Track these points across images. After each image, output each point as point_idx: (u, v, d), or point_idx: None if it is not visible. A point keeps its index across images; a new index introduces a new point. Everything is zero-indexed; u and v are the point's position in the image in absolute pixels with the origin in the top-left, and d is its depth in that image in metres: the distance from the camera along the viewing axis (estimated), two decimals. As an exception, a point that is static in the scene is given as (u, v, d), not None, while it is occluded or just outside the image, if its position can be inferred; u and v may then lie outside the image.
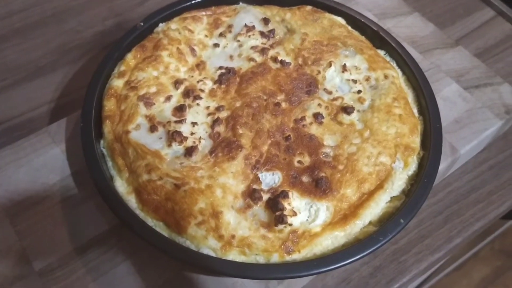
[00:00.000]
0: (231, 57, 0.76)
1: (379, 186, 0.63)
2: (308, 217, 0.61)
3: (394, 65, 0.78)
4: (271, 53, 0.76)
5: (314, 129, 0.68)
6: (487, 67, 0.85)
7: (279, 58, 0.75)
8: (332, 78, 0.74)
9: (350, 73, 0.74)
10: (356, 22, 0.82)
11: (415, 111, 0.72)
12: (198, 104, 0.69)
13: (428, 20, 0.93)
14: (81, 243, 0.63)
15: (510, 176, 0.78)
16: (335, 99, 0.71)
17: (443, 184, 0.76)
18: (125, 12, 0.97)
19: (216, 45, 0.77)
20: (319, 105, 0.70)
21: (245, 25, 0.79)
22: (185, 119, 0.67)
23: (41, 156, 0.69)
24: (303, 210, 0.61)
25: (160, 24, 0.79)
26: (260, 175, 0.63)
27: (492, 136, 0.78)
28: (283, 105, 0.70)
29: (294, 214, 0.60)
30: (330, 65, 0.74)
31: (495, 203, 0.75)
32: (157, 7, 0.90)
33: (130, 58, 0.73)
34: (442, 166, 0.70)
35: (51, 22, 0.94)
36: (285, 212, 0.59)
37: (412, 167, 0.66)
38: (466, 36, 0.95)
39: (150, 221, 0.60)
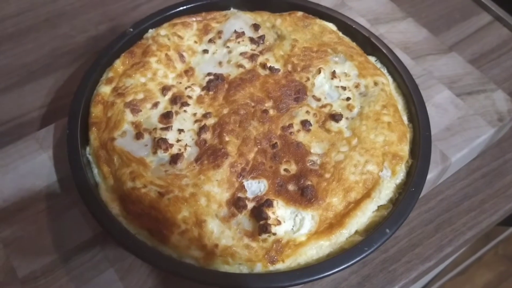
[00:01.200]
0: (220, 63, 0.76)
1: (366, 195, 0.63)
2: (293, 226, 0.60)
3: (385, 71, 0.77)
4: (260, 59, 0.76)
5: (302, 137, 0.67)
6: (481, 73, 0.84)
7: (268, 65, 0.75)
8: (321, 85, 0.73)
9: (340, 80, 0.73)
10: (347, 28, 0.81)
11: (405, 118, 0.71)
12: (185, 111, 0.69)
13: (422, 25, 0.92)
14: (65, 250, 0.63)
15: (503, 184, 0.77)
16: (323, 106, 0.71)
17: (435, 192, 0.75)
18: (119, 17, 0.97)
19: (205, 51, 0.77)
20: (307, 112, 0.70)
21: (235, 31, 0.78)
22: (172, 126, 0.67)
23: (28, 162, 0.69)
24: (288, 219, 0.60)
25: (150, 30, 0.79)
26: (245, 183, 0.63)
27: (484, 143, 0.77)
28: (271, 112, 0.70)
29: (279, 223, 0.59)
30: (319, 71, 0.73)
31: (487, 211, 0.74)
32: (151, 12, 0.90)
33: (119, 65, 0.73)
34: (432, 174, 0.69)
35: (44, 27, 0.94)
36: (269, 221, 0.59)
37: (400, 175, 0.65)
38: (462, 41, 0.94)
39: (134, 229, 0.60)
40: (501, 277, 1.84)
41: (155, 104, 0.69)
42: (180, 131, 0.67)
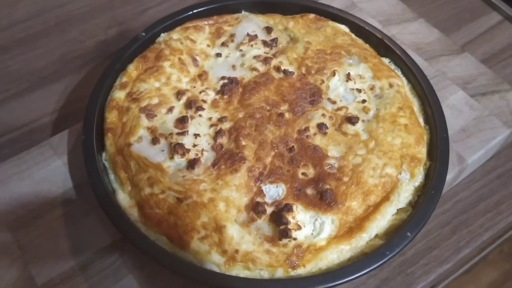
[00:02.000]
0: (233, 67, 0.75)
1: (385, 198, 0.62)
2: (313, 230, 0.60)
3: (399, 73, 0.76)
4: (274, 62, 0.75)
5: (318, 140, 0.67)
6: (494, 73, 0.84)
7: (282, 68, 0.75)
8: (336, 87, 0.73)
9: (354, 82, 0.73)
10: (360, 30, 0.81)
11: (421, 120, 0.71)
12: (200, 115, 0.69)
13: (433, 25, 0.91)
14: (83, 257, 0.62)
15: (519, 184, 0.76)
16: (339, 109, 0.70)
17: (451, 193, 0.75)
18: (128, 21, 0.96)
19: (218, 54, 0.77)
20: (323, 115, 0.69)
21: (248, 34, 0.78)
22: (187, 130, 0.66)
23: (43, 168, 0.69)
24: (307, 224, 0.60)
25: (162, 34, 0.78)
26: (263, 187, 0.62)
27: (500, 144, 0.77)
28: (287, 115, 0.69)
29: (299, 227, 0.59)
30: (334, 74, 0.73)
31: (504, 212, 0.73)
32: (160, 15, 0.89)
33: (132, 69, 0.73)
34: (449, 176, 0.69)
35: (54, 31, 0.93)
36: (290, 226, 0.58)
37: (419, 178, 0.65)
38: (472, 41, 0.94)
39: (153, 235, 0.59)
40: (506, 275, 1.83)
41: (170, 109, 0.69)
42: (196, 135, 0.66)
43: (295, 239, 0.58)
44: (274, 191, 0.62)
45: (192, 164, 0.63)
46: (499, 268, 1.81)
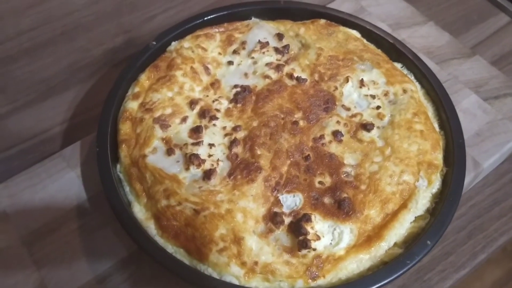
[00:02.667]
0: (246, 74, 0.75)
1: (403, 206, 0.62)
2: (331, 240, 0.60)
3: (412, 78, 0.76)
4: (286, 69, 0.75)
5: (334, 148, 0.67)
6: (506, 76, 0.83)
7: (295, 75, 0.74)
8: (349, 93, 0.72)
9: (368, 88, 0.72)
10: (371, 34, 0.80)
11: (436, 125, 0.71)
12: (214, 125, 0.68)
13: (442, 28, 0.91)
14: (100, 270, 0.62)
15: (533, 187, 0.76)
16: (353, 115, 0.70)
17: (465, 198, 0.74)
18: (135, 29, 0.95)
19: (230, 62, 0.76)
20: (338, 122, 0.69)
21: (259, 41, 0.77)
22: (202, 140, 0.66)
23: (56, 181, 0.68)
24: (326, 234, 0.60)
25: (173, 43, 0.78)
26: (280, 197, 0.62)
27: (513, 147, 0.76)
28: (301, 123, 0.69)
29: (318, 238, 0.58)
30: (347, 80, 0.72)
31: (518, 216, 0.73)
32: (166, 22, 0.89)
33: (144, 79, 0.72)
34: (465, 182, 0.68)
35: (61, 40, 0.93)
36: (309, 237, 0.58)
37: (436, 184, 0.65)
38: (481, 43, 0.93)
39: (170, 248, 0.59)
40: (510, 273, 1.82)
41: (184, 119, 0.68)
42: (211, 145, 0.66)
43: (314, 249, 0.58)
44: (291, 201, 0.62)
45: (208, 174, 0.63)
46: (502, 267, 1.80)
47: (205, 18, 0.80)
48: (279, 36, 0.79)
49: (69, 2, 0.98)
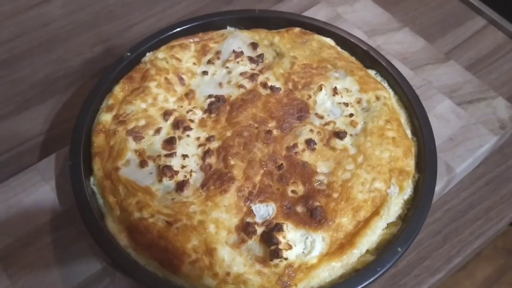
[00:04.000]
0: (220, 84, 0.75)
1: (375, 213, 0.63)
2: (304, 249, 0.60)
3: (386, 84, 0.77)
4: (261, 78, 0.75)
5: (307, 156, 0.67)
6: (480, 80, 0.84)
7: (269, 84, 0.74)
8: (323, 102, 0.73)
9: (341, 96, 0.73)
10: (345, 42, 0.81)
11: (409, 132, 0.71)
12: (188, 136, 0.68)
13: (417, 33, 0.92)
14: (74, 284, 0.62)
15: (508, 190, 0.77)
16: (327, 123, 0.70)
17: (440, 202, 0.75)
18: (113, 38, 0.95)
19: (204, 72, 0.76)
20: (311, 130, 0.69)
21: (233, 51, 0.78)
22: (175, 152, 0.66)
23: (31, 195, 0.68)
24: (298, 242, 0.60)
25: (148, 54, 0.78)
26: (253, 207, 0.62)
27: (487, 151, 0.77)
28: (275, 132, 0.69)
29: (290, 247, 0.59)
30: (320, 88, 0.73)
31: (493, 219, 0.74)
32: (145, 31, 0.89)
33: (118, 91, 0.72)
34: (438, 187, 0.69)
35: (38, 51, 0.93)
36: (280, 246, 0.58)
37: (408, 191, 0.65)
38: (457, 47, 0.94)
39: (143, 260, 0.59)
40: (501, 270, 1.84)
41: (158, 130, 0.68)
42: (184, 156, 0.66)
43: (286, 259, 0.58)
44: (264, 211, 0.62)
45: (181, 186, 0.63)
46: (493, 264, 1.82)
47: (180, 28, 0.80)
48: (254, 45, 0.79)
49: (47, 12, 0.98)
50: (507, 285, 1.75)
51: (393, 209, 0.64)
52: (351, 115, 0.71)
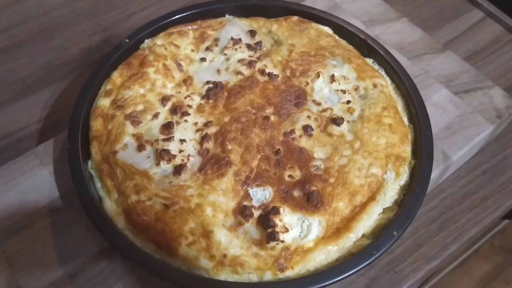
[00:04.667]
0: (218, 71, 0.75)
1: (371, 198, 0.63)
2: (300, 232, 0.60)
3: (383, 73, 0.77)
4: (259, 65, 0.76)
5: (304, 142, 0.67)
6: (477, 70, 0.85)
7: (267, 71, 0.75)
8: (320, 89, 0.73)
9: (339, 83, 0.73)
10: (343, 31, 0.81)
11: (405, 119, 0.72)
12: (186, 121, 0.69)
13: (416, 24, 0.92)
14: (72, 266, 0.62)
15: (504, 180, 0.77)
16: (324, 110, 0.71)
17: (437, 190, 0.75)
18: (112, 27, 0.96)
19: (203, 59, 0.77)
20: (308, 117, 0.70)
21: (232, 38, 0.78)
22: (173, 136, 0.66)
23: (29, 178, 0.69)
24: (295, 226, 0.60)
25: (146, 40, 0.78)
26: (250, 191, 0.63)
27: (484, 140, 0.77)
28: (272, 118, 0.70)
29: (286, 230, 0.59)
30: (318, 76, 0.73)
31: (489, 208, 0.74)
32: (144, 21, 0.89)
33: (116, 76, 0.73)
34: (434, 174, 0.70)
35: (37, 39, 0.93)
36: (277, 229, 0.59)
37: (404, 177, 0.66)
38: (455, 39, 0.95)
39: (140, 243, 0.59)
40: (498, 268, 1.84)
41: (155, 115, 0.69)
42: (182, 141, 0.66)
43: (282, 241, 0.58)
44: (261, 194, 0.63)
45: (178, 170, 0.63)
46: (491, 262, 1.82)
47: (179, 16, 0.80)
48: (252, 33, 0.79)
49: (46, 1, 0.99)
50: (504, 283, 1.76)
51: (389, 195, 0.64)
52: (348, 102, 0.71)
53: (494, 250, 1.87)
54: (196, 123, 0.69)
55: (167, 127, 0.67)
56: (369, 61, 0.78)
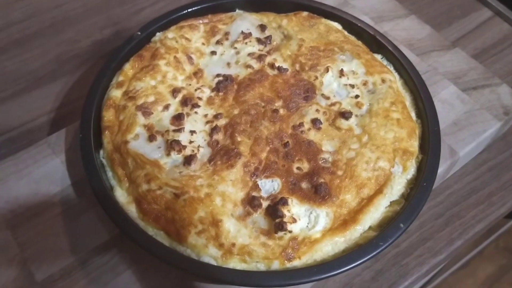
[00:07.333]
0: (228, 64, 0.76)
1: (378, 191, 0.64)
2: (308, 223, 0.61)
3: (392, 68, 0.78)
4: (268, 59, 0.76)
5: (313, 135, 0.68)
6: (485, 68, 0.85)
7: (276, 65, 0.76)
8: (329, 83, 0.74)
9: (348, 78, 0.74)
10: (352, 26, 0.82)
11: (413, 114, 0.72)
12: (196, 113, 0.70)
13: (425, 22, 0.93)
14: (82, 253, 0.63)
15: (510, 177, 0.78)
16: (332, 104, 0.72)
17: (444, 186, 0.76)
18: (123, 21, 0.97)
19: (213, 52, 0.78)
20: (317, 110, 0.70)
21: (242, 32, 0.79)
22: (184, 127, 0.67)
23: (41, 167, 0.70)
24: (302, 217, 0.61)
25: (157, 33, 0.79)
26: (259, 182, 0.63)
27: (491, 137, 0.78)
28: (281, 111, 0.70)
29: (294, 221, 0.60)
30: (327, 70, 0.74)
31: (495, 204, 0.75)
32: (154, 15, 0.90)
33: (128, 68, 0.74)
34: (441, 169, 0.70)
35: (49, 32, 0.94)
36: (285, 219, 0.59)
37: (411, 171, 0.66)
38: (463, 37, 0.95)
39: (151, 231, 0.60)
40: (503, 269, 1.84)
41: (166, 107, 0.70)
42: (192, 132, 0.67)
43: (290, 232, 0.59)
44: (269, 186, 0.63)
45: (188, 160, 0.64)
46: (495, 263, 1.82)
47: (190, 10, 0.81)
48: (262, 27, 0.80)
49: (58, -6, 1.00)
50: (508, 284, 1.75)
51: (396, 188, 0.65)
52: (356, 96, 0.72)
53: (498, 252, 1.86)
54: (206, 115, 0.70)
55: (178, 119, 0.68)
56: (378, 56, 0.79)
